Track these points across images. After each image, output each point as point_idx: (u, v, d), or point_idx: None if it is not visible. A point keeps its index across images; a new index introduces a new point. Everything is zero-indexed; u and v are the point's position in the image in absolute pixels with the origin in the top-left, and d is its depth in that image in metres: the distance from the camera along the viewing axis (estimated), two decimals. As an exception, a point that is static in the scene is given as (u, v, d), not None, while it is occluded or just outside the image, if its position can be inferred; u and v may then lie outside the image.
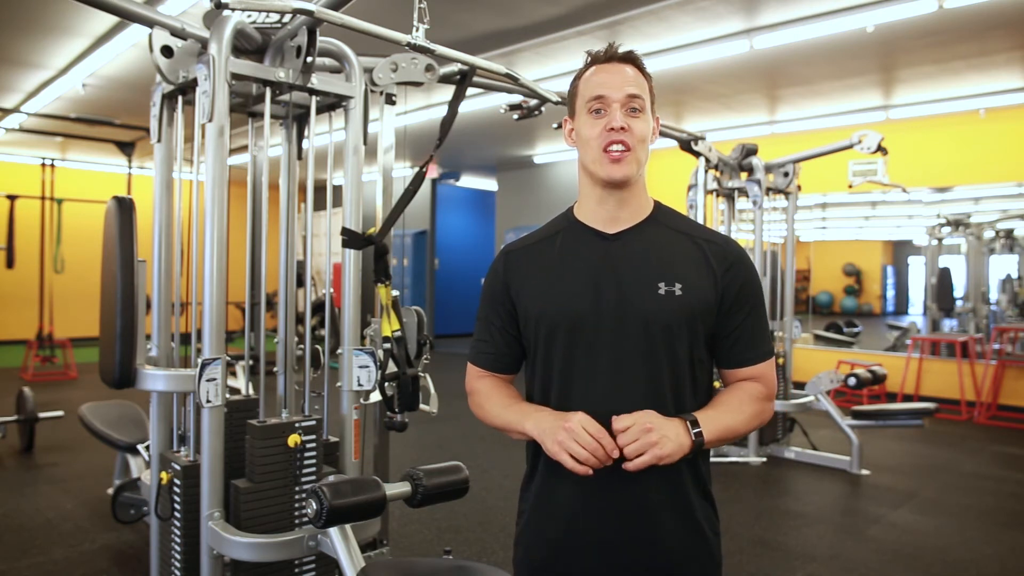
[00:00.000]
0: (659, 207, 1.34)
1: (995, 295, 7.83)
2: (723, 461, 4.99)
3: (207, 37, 2.16)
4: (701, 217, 5.03)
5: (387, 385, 2.58)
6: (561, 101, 3.19)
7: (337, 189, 3.11)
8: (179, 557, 2.32)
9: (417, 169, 2.62)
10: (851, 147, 5.01)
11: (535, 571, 1.31)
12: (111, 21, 4.88)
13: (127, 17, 2.27)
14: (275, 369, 2.59)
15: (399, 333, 2.59)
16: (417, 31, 2.30)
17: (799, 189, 5.49)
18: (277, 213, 2.58)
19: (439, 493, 2.09)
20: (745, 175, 5.25)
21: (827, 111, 7.13)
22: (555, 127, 3.71)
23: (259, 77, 2.27)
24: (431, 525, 3.71)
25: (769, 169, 5.33)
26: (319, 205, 10.10)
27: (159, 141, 2.53)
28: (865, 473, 4.78)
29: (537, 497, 1.32)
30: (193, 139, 2.46)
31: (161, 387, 2.45)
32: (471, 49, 3.55)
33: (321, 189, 10.18)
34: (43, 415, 5.04)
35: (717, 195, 5.35)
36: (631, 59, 1.28)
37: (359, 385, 2.44)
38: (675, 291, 1.22)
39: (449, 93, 2.79)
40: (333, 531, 2.12)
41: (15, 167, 10.45)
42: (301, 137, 2.75)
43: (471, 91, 2.87)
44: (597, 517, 1.24)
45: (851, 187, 5.40)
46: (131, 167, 8.33)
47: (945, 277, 7.97)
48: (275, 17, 2.30)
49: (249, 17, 2.28)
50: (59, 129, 8.03)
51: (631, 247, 1.28)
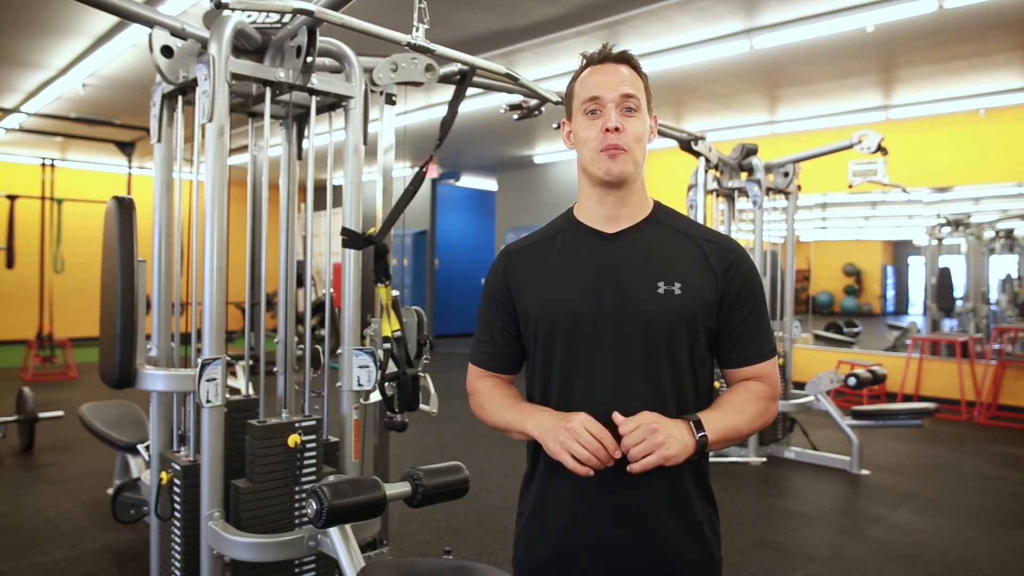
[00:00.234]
0: (659, 207, 1.34)
1: (995, 295, 7.83)
2: (723, 461, 4.99)
3: (207, 37, 2.16)
4: (701, 217, 5.03)
5: (387, 385, 2.58)
6: (561, 101, 3.19)
7: (337, 189, 3.11)
8: (179, 557, 2.32)
9: (417, 169, 2.62)
10: (851, 147, 5.01)
11: (535, 571, 1.31)
12: (111, 21, 4.88)
13: (127, 17, 2.27)
14: (275, 369, 2.59)
15: (399, 333, 2.59)
16: (417, 31, 2.30)
17: (799, 189, 5.49)
18: (277, 213, 2.58)
19: (439, 493, 2.09)
20: (745, 175, 5.25)
21: (827, 111, 7.13)
22: (555, 127, 3.70)
23: (259, 77, 2.27)
24: (431, 525, 3.71)
25: (769, 169, 5.33)
26: (319, 205, 10.10)
27: (159, 141, 2.53)
28: (865, 473, 4.78)
29: (537, 497, 1.32)
30: (193, 139, 2.46)
31: (161, 387, 2.45)
32: (471, 49, 3.55)
33: (321, 189, 10.18)
34: (43, 415, 5.04)
35: (717, 195, 5.35)
36: (625, 59, 1.28)
37: (359, 385, 2.44)
38: (674, 291, 1.22)
39: (449, 93, 2.79)
40: (333, 531, 2.12)
41: (15, 167, 10.46)
42: (301, 137, 2.75)
43: (471, 91, 2.87)
44: (597, 517, 1.24)
45: (851, 187, 5.40)
46: (131, 167, 8.33)
47: (945, 277, 7.97)
48: (275, 17, 2.30)
49: (249, 17, 2.29)
50: (59, 129, 8.03)
51: (631, 247, 1.28)
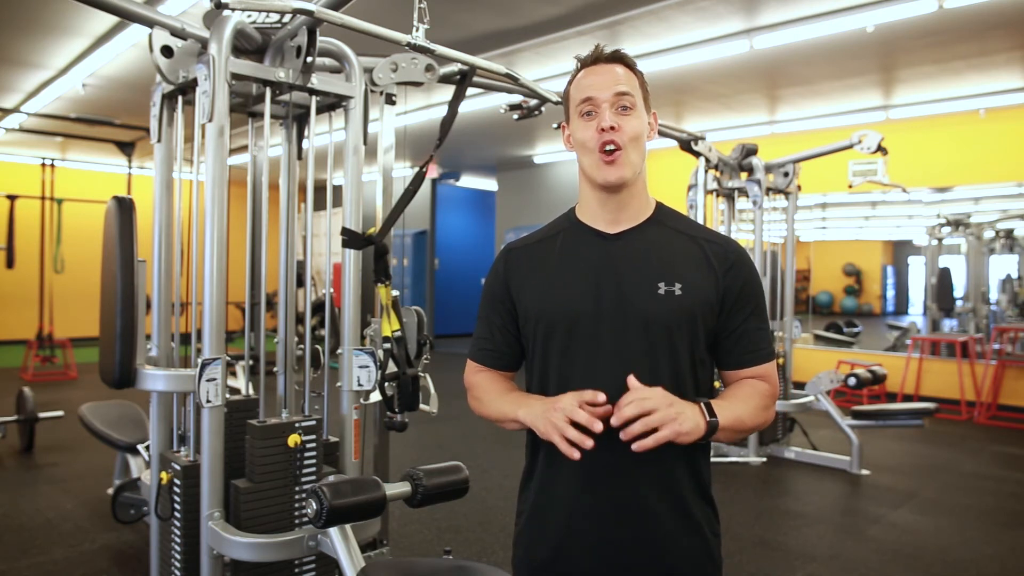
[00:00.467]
0: (660, 208, 1.34)
1: (995, 295, 7.83)
2: (723, 461, 4.99)
3: (207, 37, 2.16)
4: (701, 217, 5.03)
5: (387, 385, 2.58)
6: (561, 101, 3.19)
7: (337, 189, 3.11)
8: (179, 557, 2.32)
9: (417, 169, 2.62)
10: (851, 147, 5.01)
11: (534, 571, 1.31)
12: (111, 21, 4.88)
13: (127, 17, 2.27)
14: (275, 369, 2.59)
15: (399, 333, 2.59)
16: (417, 31, 2.30)
17: (799, 189, 5.49)
18: (277, 213, 2.58)
19: (439, 493, 2.09)
20: (745, 175, 5.25)
21: (827, 111, 7.13)
22: (555, 127, 3.70)
23: (259, 77, 2.27)
24: (431, 525, 3.71)
25: (769, 169, 5.33)
26: (319, 205, 10.10)
27: (159, 141, 2.53)
28: (865, 473, 4.78)
29: (536, 497, 1.32)
30: (193, 139, 2.46)
31: (161, 387, 2.45)
32: (471, 49, 3.55)
33: (321, 189, 10.18)
34: (43, 415, 5.04)
35: (717, 195, 5.35)
36: (618, 58, 1.28)
37: (359, 385, 2.44)
38: (675, 291, 1.22)
39: (449, 93, 2.79)
40: (333, 531, 2.12)
41: (15, 167, 10.46)
42: (301, 137, 2.75)
43: (471, 91, 2.87)
44: (596, 518, 1.23)
45: (851, 187, 5.40)
46: (131, 167, 8.33)
47: (945, 277, 7.97)
48: (275, 17, 2.30)
49: (249, 17, 2.28)
50: (59, 129, 8.04)
51: (631, 247, 1.28)
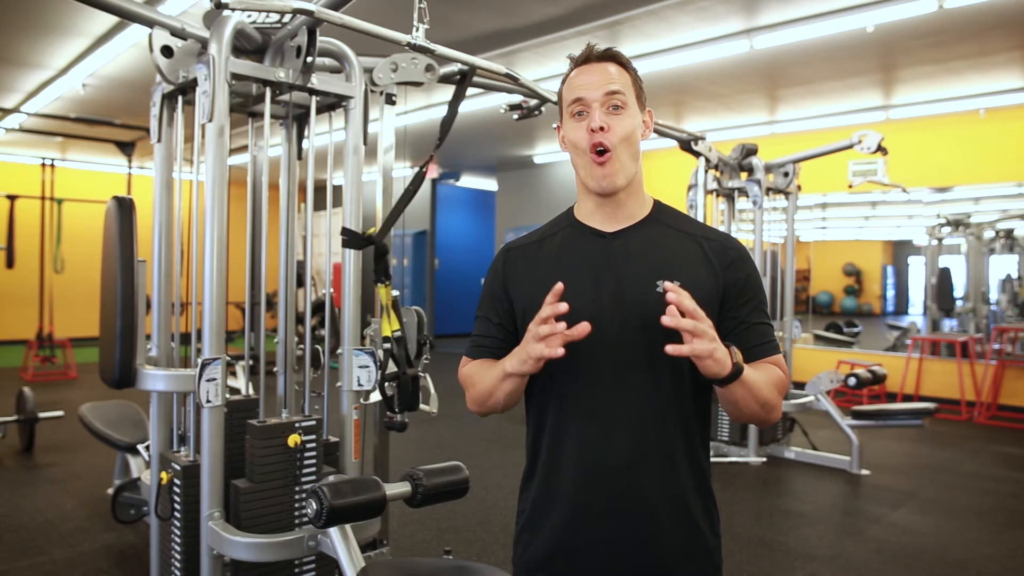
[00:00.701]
0: (658, 206, 1.34)
1: (995, 295, 7.83)
2: (723, 461, 4.99)
3: (207, 37, 2.16)
4: (701, 217, 5.03)
5: (387, 385, 2.58)
6: (561, 101, 3.19)
7: (337, 189, 3.11)
8: (179, 557, 2.32)
9: (417, 169, 2.62)
10: (851, 147, 5.01)
11: (533, 570, 1.31)
12: (111, 21, 4.88)
13: (127, 17, 2.27)
14: (275, 369, 2.59)
15: (399, 333, 2.59)
16: (417, 31, 2.31)
17: (799, 189, 5.49)
18: (277, 213, 2.58)
19: (439, 493, 2.09)
20: (745, 175, 5.25)
21: (827, 111, 7.13)
22: (555, 127, 3.71)
23: (259, 77, 2.27)
24: (431, 525, 3.71)
25: (769, 169, 5.34)
26: (319, 205, 10.11)
27: (159, 141, 2.53)
28: (865, 473, 4.78)
29: (536, 496, 1.31)
30: (193, 139, 2.46)
31: (161, 387, 2.45)
32: (471, 49, 3.55)
33: (321, 189, 10.18)
34: (43, 415, 5.04)
35: (717, 195, 5.35)
36: (610, 56, 1.27)
37: (359, 385, 2.44)
38: None
39: (449, 93, 2.79)
40: (333, 531, 2.12)
41: (15, 167, 10.46)
42: (301, 137, 2.75)
43: (471, 91, 2.87)
44: (596, 517, 1.23)
45: (851, 187, 5.40)
46: (131, 167, 8.34)
47: (945, 277, 7.97)
48: (275, 17, 2.30)
49: (249, 17, 2.29)
50: (59, 129, 8.04)
51: (630, 246, 1.28)
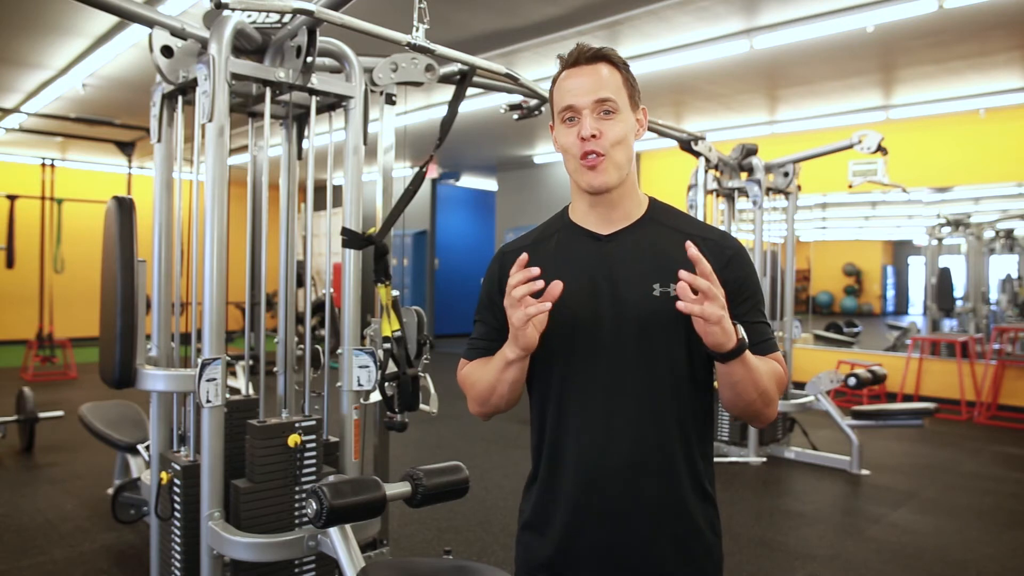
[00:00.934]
0: (654, 205, 1.33)
1: (995, 295, 7.83)
2: (723, 461, 4.99)
3: (207, 37, 2.16)
4: (701, 217, 5.03)
5: (387, 385, 2.58)
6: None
7: (337, 189, 3.11)
8: (179, 557, 2.32)
9: (417, 169, 2.62)
10: (851, 147, 5.01)
11: (535, 571, 1.31)
12: (111, 21, 4.88)
13: (127, 17, 2.27)
14: (275, 369, 2.59)
15: (399, 333, 2.59)
16: (417, 31, 2.31)
17: (799, 189, 5.49)
18: (277, 213, 2.58)
19: (439, 493, 2.09)
20: (745, 175, 5.25)
21: (827, 111, 7.13)
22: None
23: (259, 77, 2.27)
24: (431, 525, 3.71)
25: (769, 169, 5.33)
26: (319, 205, 10.11)
27: (159, 141, 2.53)
28: (865, 473, 4.78)
29: (538, 498, 1.31)
30: (193, 139, 2.46)
31: (161, 387, 2.45)
32: (471, 49, 3.55)
33: (321, 189, 10.18)
34: (43, 415, 5.04)
35: (717, 195, 5.35)
36: (601, 57, 1.24)
37: (359, 385, 2.44)
38: (670, 292, 1.21)
39: (449, 93, 2.79)
40: (333, 531, 2.12)
41: (15, 167, 10.45)
42: (301, 137, 2.75)
43: (471, 91, 2.87)
44: (596, 518, 1.23)
45: (851, 187, 5.40)
46: (131, 167, 8.34)
47: (945, 277, 7.97)
48: (275, 17, 2.30)
49: (249, 17, 2.29)
50: (59, 129, 8.04)
51: (625, 248, 1.27)
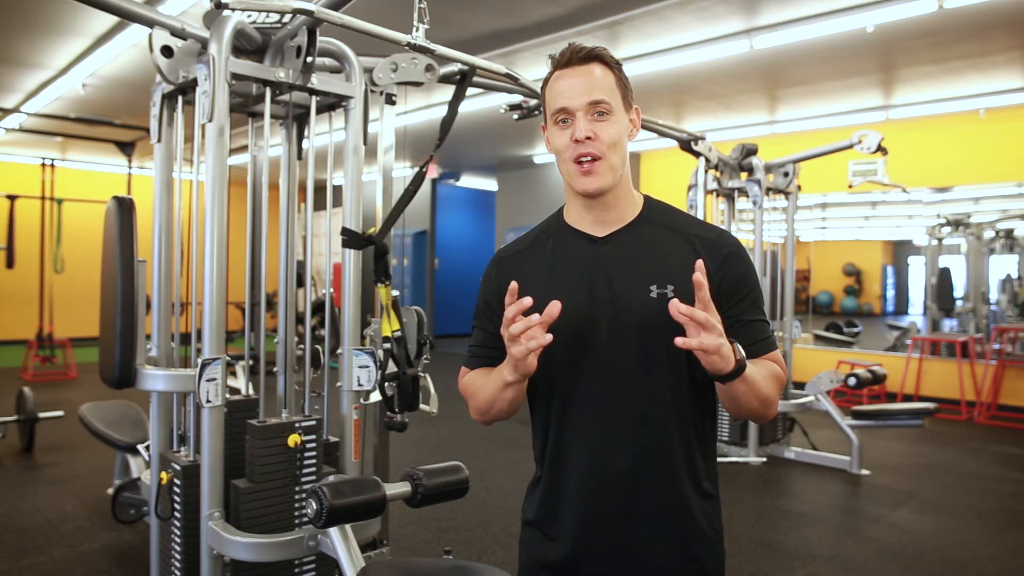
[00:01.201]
0: (649, 204, 1.32)
1: (995, 295, 7.83)
2: (723, 461, 4.98)
3: (207, 37, 2.16)
4: (701, 217, 5.02)
5: (387, 385, 2.58)
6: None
7: (337, 189, 3.11)
8: (179, 557, 2.32)
9: (417, 169, 2.62)
10: (851, 147, 5.01)
11: (537, 571, 1.31)
12: (111, 21, 4.88)
13: (127, 17, 2.27)
14: (275, 369, 2.59)
15: (399, 333, 2.59)
16: (417, 31, 2.31)
17: (799, 189, 5.49)
18: (277, 213, 2.58)
19: (439, 493, 2.09)
20: (745, 175, 5.25)
21: (827, 111, 7.13)
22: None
23: (259, 77, 2.27)
24: (431, 525, 3.71)
25: (769, 169, 5.33)
26: (319, 205, 10.11)
27: (159, 141, 2.53)
28: (865, 473, 4.78)
29: (541, 500, 1.31)
30: (193, 139, 2.46)
31: (161, 387, 2.45)
32: (471, 49, 3.55)
33: (321, 189, 10.18)
34: (43, 415, 5.04)
35: (717, 195, 5.35)
36: (593, 57, 1.22)
37: (359, 385, 2.44)
38: (667, 293, 1.21)
39: (449, 93, 2.79)
40: (333, 531, 2.12)
41: (15, 167, 10.45)
42: (301, 137, 2.75)
43: (471, 91, 2.87)
44: (597, 519, 1.24)
45: (851, 187, 5.40)
46: (131, 167, 8.34)
47: (945, 277, 7.97)
48: (275, 17, 2.30)
49: (249, 17, 2.29)
50: (59, 129, 8.04)
51: (621, 249, 1.26)
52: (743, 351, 1.13)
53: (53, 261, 8.57)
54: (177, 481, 2.33)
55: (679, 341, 1.06)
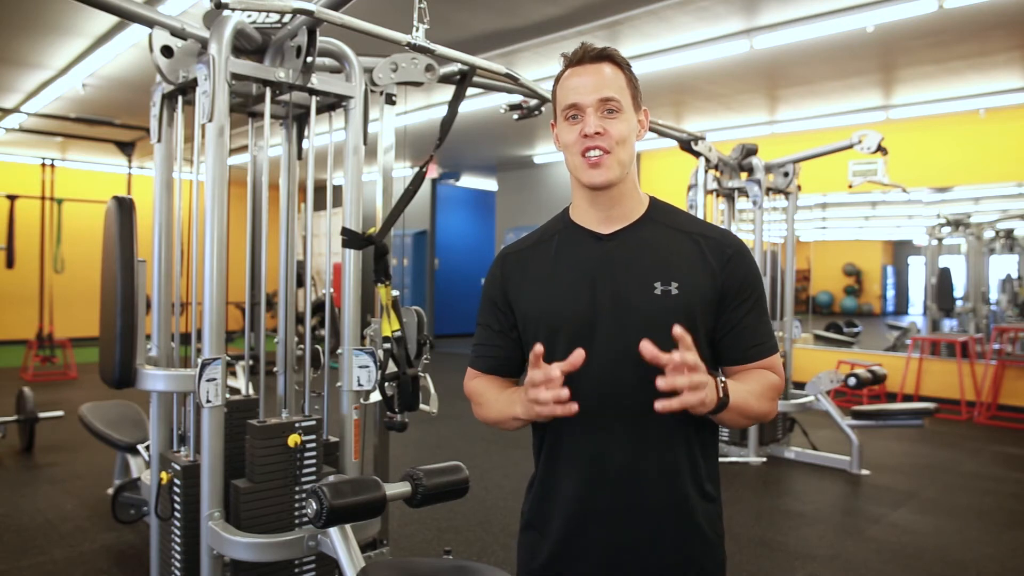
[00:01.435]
0: (654, 204, 1.33)
1: (995, 295, 7.83)
2: (723, 461, 4.98)
3: (207, 37, 2.16)
4: (701, 217, 5.02)
5: (387, 385, 2.58)
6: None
7: (337, 189, 3.11)
8: (179, 557, 2.32)
9: (417, 169, 2.62)
10: (851, 147, 5.01)
11: (536, 571, 1.31)
12: (111, 21, 4.88)
13: (127, 17, 2.27)
14: (275, 369, 2.59)
15: (399, 333, 2.59)
16: (417, 31, 2.31)
17: (799, 189, 5.49)
18: (277, 213, 2.58)
19: (439, 493, 2.09)
20: (745, 175, 5.25)
21: (827, 111, 7.13)
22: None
23: (259, 77, 2.27)
24: (431, 525, 3.71)
25: (769, 169, 5.33)
26: (319, 205, 10.11)
27: (159, 141, 2.53)
28: (865, 473, 4.78)
29: (539, 498, 1.32)
30: (193, 139, 2.46)
31: (161, 387, 2.45)
32: (471, 49, 3.55)
33: (321, 189, 10.18)
34: (43, 415, 5.04)
35: (717, 195, 5.35)
36: (605, 56, 1.25)
37: (359, 385, 2.44)
38: (671, 290, 1.22)
39: (449, 93, 2.79)
40: (333, 531, 2.12)
41: (15, 167, 10.45)
42: (301, 137, 2.75)
43: (471, 91, 2.87)
44: (597, 519, 1.23)
45: (851, 187, 5.40)
46: (131, 167, 8.34)
47: (945, 277, 7.97)
48: (275, 17, 2.30)
49: (249, 17, 2.29)
50: (59, 129, 8.04)
51: (626, 247, 1.27)
52: (724, 389, 1.13)
53: (53, 261, 8.57)
54: (177, 481, 2.33)
55: (659, 406, 1.06)
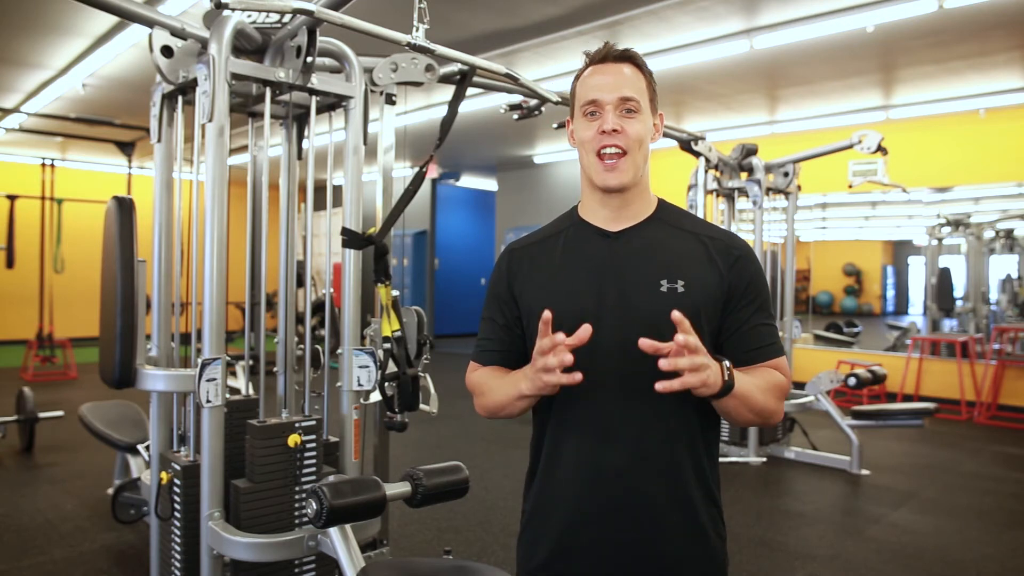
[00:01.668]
0: (662, 205, 1.34)
1: (995, 295, 7.83)
2: (723, 461, 4.98)
3: (207, 37, 2.16)
4: (701, 217, 5.02)
5: (387, 385, 2.58)
6: (561, 101, 3.19)
7: (337, 189, 3.11)
8: (179, 557, 2.32)
9: (417, 169, 2.62)
10: (851, 147, 5.01)
11: (535, 571, 1.31)
12: (111, 21, 4.88)
13: (127, 17, 2.27)
14: (275, 369, 2.59)
15: (399, 333, 2.59)
16: (417, 31, 2.30)
17: (799, 189, 5.49)
18: (277, 213, 2.58)
19: (439, 493, 2.09)
20: (745, 175, 5.25)
21: (827, 111, 7.13)
22: (555, 127, 3.71)
23: (259, 77, 2.27)
24: (431, 525, 3.71)
25: (769, 169, 5.33)
26: (319, 205, 10.11)
27: (159, 141, 2.53)
28: (865, 473, 4.78)
29: (539, 496, 1.31)
30: (193, 139, 2.46)
31: (161, 387, 2.45)
32: (471, 49, 3.55)
33: (321, 189, 10.18)
34: (43, 415, 5.04)
35: (717, 195, 5.35)
36: (627, 57, 1.26)
37: (359, 385, 2.44)
38: (677, 288, 1.22)
39: (449, 93, 2.79)
40: (333, 531, 2.12)
41: (15, 167, 10.45)
42: (301, 137, 2.75)
43: (471, 91, 2.87)
44: (598, 518, 1.23)
45: (851, 187, 5.40)
46: (131, 167, 8.34)
47: (945, 277, 7.97)
48: (275, 17, 2.30)
49: (249, 17, 2.29)
50: (59, 129, 8.04)
51: (633, 245, 1.27)
52: (731, 370, 1.12)
53: (53, 261, 8.57)
54: (177, 481, 2.33)
55: (659, 386, 1.05)
